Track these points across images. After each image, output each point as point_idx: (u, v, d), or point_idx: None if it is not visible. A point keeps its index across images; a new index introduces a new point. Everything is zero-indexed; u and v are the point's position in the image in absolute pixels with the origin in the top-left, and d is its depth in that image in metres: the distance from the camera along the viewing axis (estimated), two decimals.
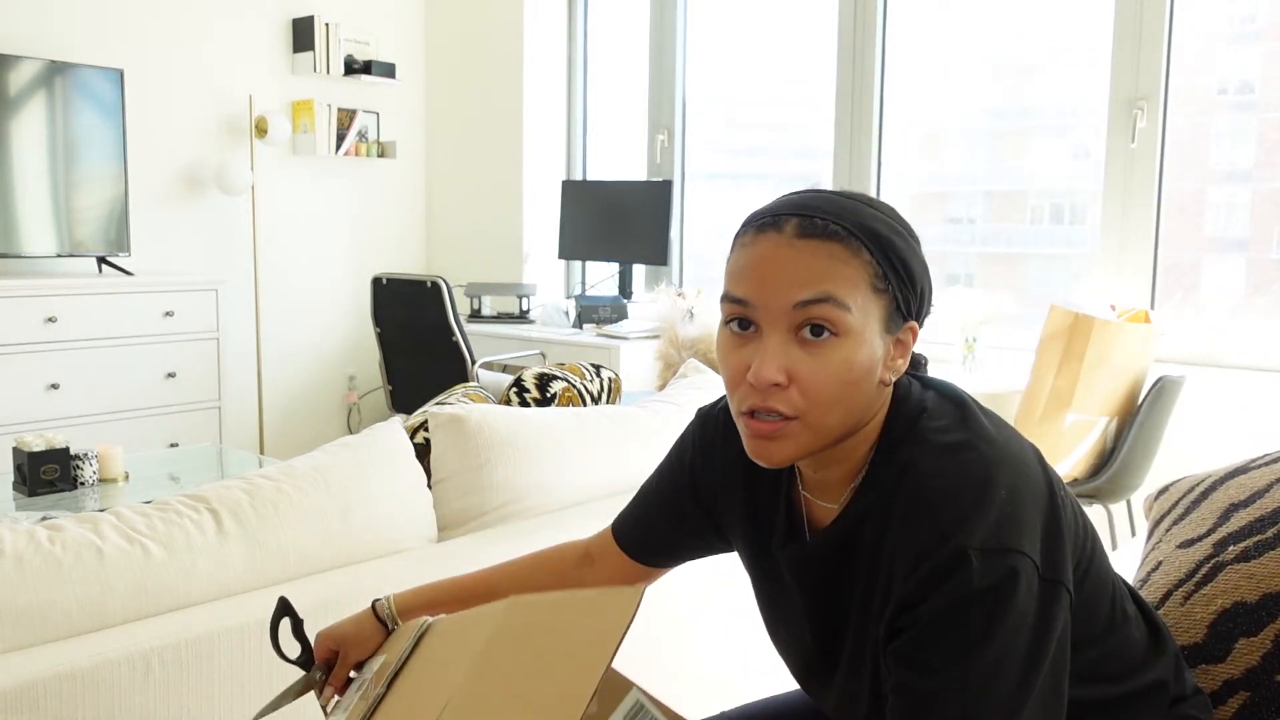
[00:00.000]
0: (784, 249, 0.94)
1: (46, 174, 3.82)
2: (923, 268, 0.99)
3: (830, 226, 0.94)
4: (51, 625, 1.24)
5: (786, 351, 0.94)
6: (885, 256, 0.94)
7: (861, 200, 0.98)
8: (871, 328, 0.94)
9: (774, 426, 0.95)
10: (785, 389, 0.94)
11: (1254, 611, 1.19)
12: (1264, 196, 3.19)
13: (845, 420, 0.97)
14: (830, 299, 0.92)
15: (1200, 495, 1.39)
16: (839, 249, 0.93)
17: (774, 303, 0.94)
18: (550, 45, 4.88)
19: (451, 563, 1.57)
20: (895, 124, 3.94)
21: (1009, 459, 0.95)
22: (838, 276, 0.93)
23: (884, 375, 0.97)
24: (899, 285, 0.95)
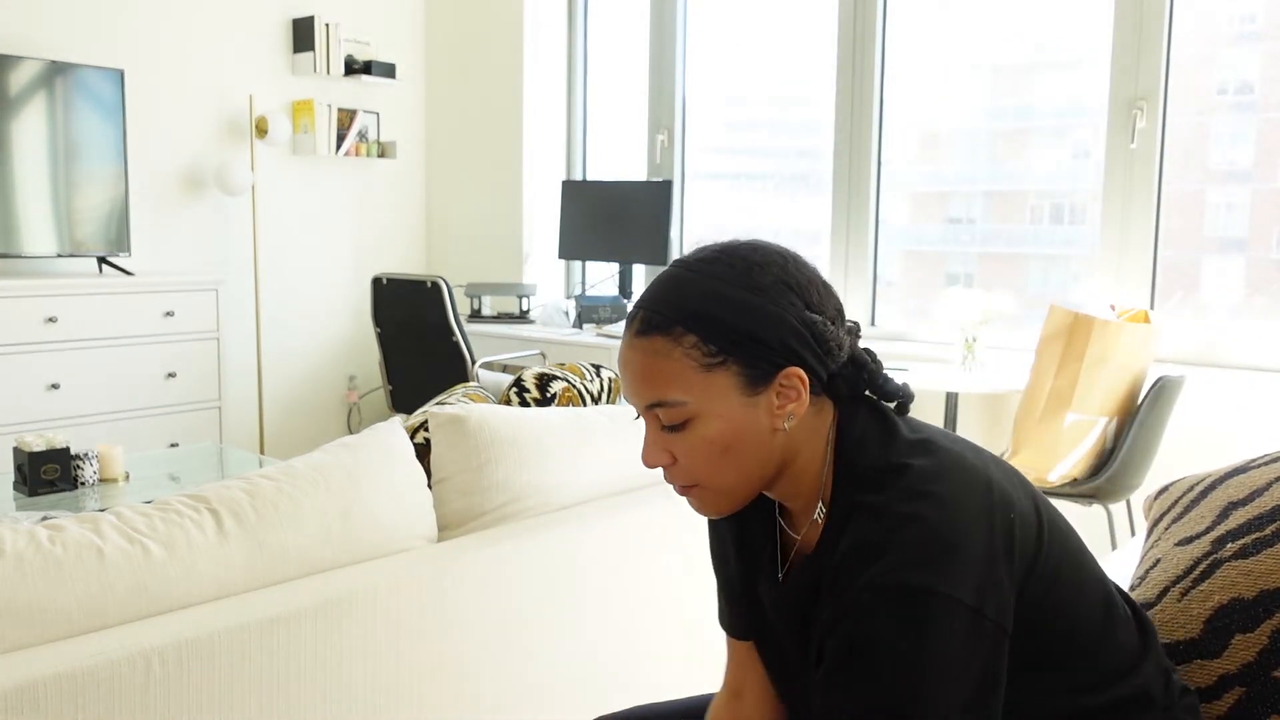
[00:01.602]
0: (628, 351, 1.02)
1: (47, 174, 3.82)
2: (772, 321, 0.98)
3: (654, 320, 0.99)
4: (51, 625, 1.24)
5: (660, 436, 1.02)
6: (710, 332, 0.97)
7: (700, 269, 1.00)
8: (722, 402, 0.99)
9: (685, 491, 1.05)
10: (673, 466, 1.03)
11: (1251, 608, 1.19)
12: (1264, 196, 3.20)
13: (745, 476, 1.02)
14: (661, 403, 1.00)
15: (1199, 494, 1.39)
16: (661, 343, 0.99)
17: (633, 403, 1.03)
18: (550, 45, 4.88)
19: (451, 563, 1.57)
20: (895, 124, 3.94)
21: (945, 494, 0.95)
22: (663, 376, 0.99)
23: (776, 425, 1.01)
24: (741, 352, 0.98)
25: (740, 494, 1.03)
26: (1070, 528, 1.07)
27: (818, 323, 1.00)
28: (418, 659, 1.53)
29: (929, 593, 0.89)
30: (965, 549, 0.92)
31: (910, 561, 0.91)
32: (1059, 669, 1.01)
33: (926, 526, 0.92)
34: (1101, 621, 1.04)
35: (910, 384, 1.10)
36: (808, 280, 1.02)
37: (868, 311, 4.00)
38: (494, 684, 1.65)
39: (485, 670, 1.63)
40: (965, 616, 0.90)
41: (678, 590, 1.95)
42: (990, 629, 0.91)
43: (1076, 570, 1.03)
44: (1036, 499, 1.04)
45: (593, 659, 1.81)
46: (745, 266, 1.00)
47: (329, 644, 1.42)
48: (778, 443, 1.02)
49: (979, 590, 0.91)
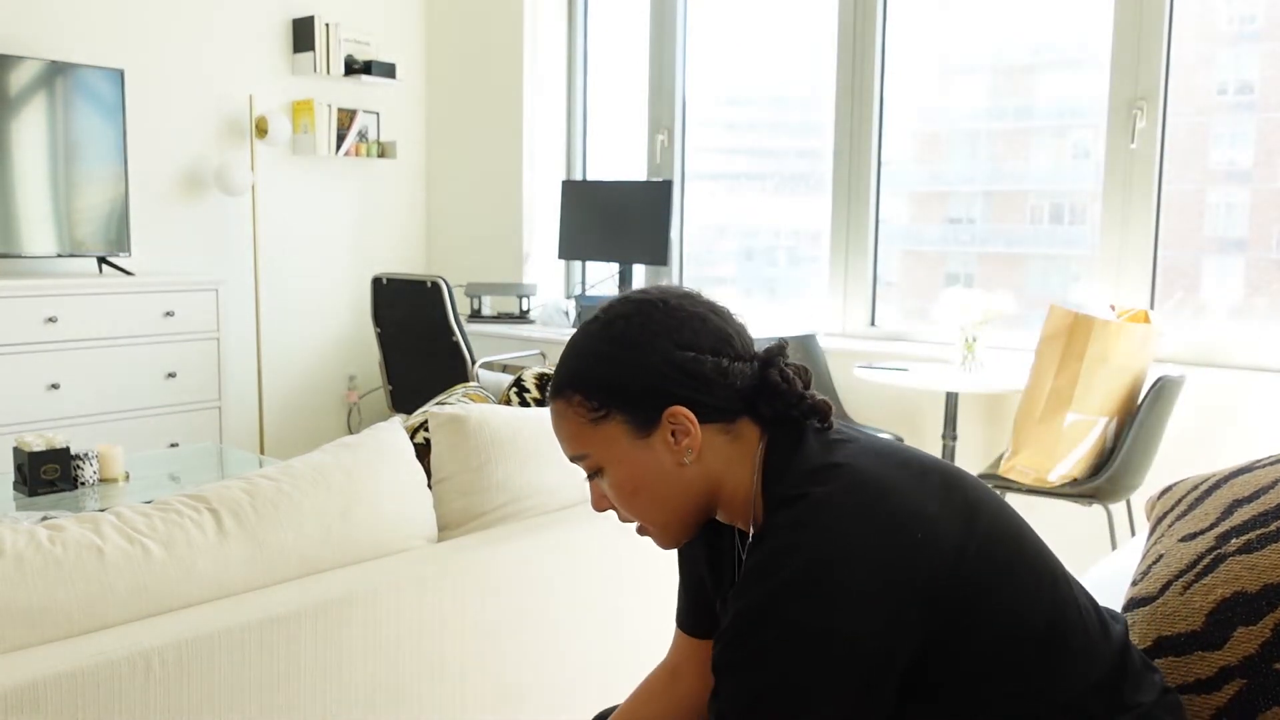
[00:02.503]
0: (550, 414, 1.13)
1: (47, 174, 3.82)
2: (638, 370, 1.05)
3: (555, 384, 1.10)
4: (51, 625, 1.24)
5: (594, 486, 1.12)
6: (589, 390, 1.06)
7: (584, 329, 1.10)
8: (618, 448, 1.07)
9: (641, 532, 1.14)
10: (613, 508, 1.12)
11: (1254, 601, 1.20)
12: (1264, 196, 3.20)
13: (673, 510, 1.09)
14: (576, 458, 1.10)
15: (1204, 493, 1.39)
16: (559, 405, 1.09)
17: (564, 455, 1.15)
18: (550, 45, 4.88)
19: (451, 563, 1.57)
20: (895, 124, 3.94)
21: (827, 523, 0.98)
22: (567, 434, 1.09)
23: (680, 459, 1.07)
24: (618, 401, 1.06)
25: (679, 526, 1.11)
26: (1032, 549, 1.05)
27: (689, 360, 1.05)
28: (418, 659, 1.53)
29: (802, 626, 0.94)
30: (848, 577, 0.95)
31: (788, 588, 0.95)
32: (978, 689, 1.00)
33: (809, 556, 0.96)
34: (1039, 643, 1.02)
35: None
36: (680, 321, 1.07)
37: (868, 311, 4.00)
38: (494, 683, 1.65)
39: (485, 670, 1.63)
40: (836, 644, 0.93)
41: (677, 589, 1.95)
42: (861, 653, 0.94)
43: (1014, 595, 1.01)
44: (979, 517, 1.02)
45: (592, 658, 1.81)
46: (609, 320, 1.08)
47: (329, 644, 1.42)
48: (691, 475, 1.08)
49: (852, 617, 0.94)
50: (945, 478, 1.05)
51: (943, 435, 3.35)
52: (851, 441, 1.08)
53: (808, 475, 1.03)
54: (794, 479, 1.03)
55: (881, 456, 1.05)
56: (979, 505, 1.04)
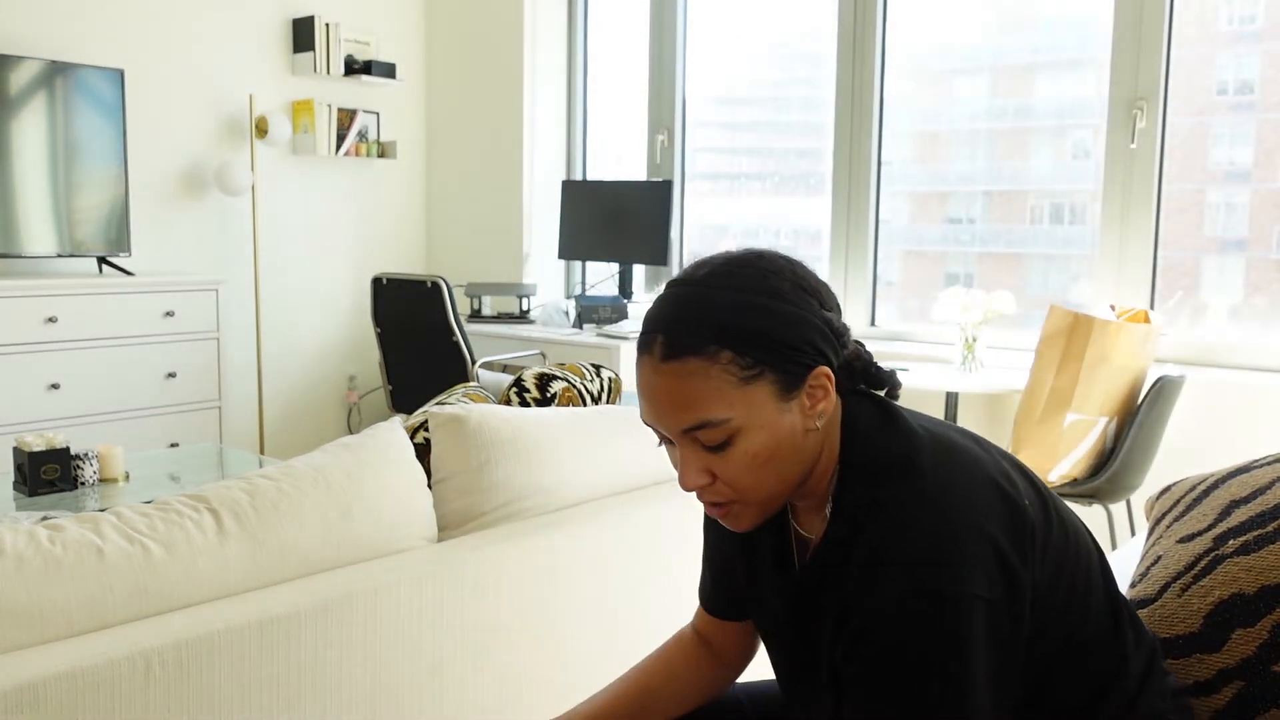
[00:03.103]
0: (655, 376, 0.99)
1: (47, 174, 3.82)
2: (797, 323, 0.99)
3: (682, 341, 0.98)
4: (51, 625, 1.24)
5: (698, 458, 1.01)
6: (744, 344, 0.97)
7: (718, 283, 1.00)
8: (762, 411, 0.98)
9: (722, 510, 1.04)
10: (713, 484, 1.02)
11: (1252, 603, 1.20)
12: (1264, 196, 3.20)
13: (785, 481, 1.02)
14: (704, 424, 0.98)
15: (1202, 493, 1.39)
16: (696, 364, 0.97)
17: (666, 429, 1.01)
18: (550, 45, 4.88)
19: (451, 563, 1.57)
20: (895, 124, 3.94)
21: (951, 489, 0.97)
22: (702, 395, 0.97)
23: (808, 425, 1.01)
24: (774, 359, 0.97)
25: (777, 502, 1.04)
26: (1081, 530, 1.08)
27: (834, 320, 1.02)
28: (418, 659, 1.53)
29: (947, 597, 0.92)
30: (974, 543, 0.94)
31: (925, 564, 0.93)
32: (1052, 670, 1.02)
33: (935, 526, 0.94)
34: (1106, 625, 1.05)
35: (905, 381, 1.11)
36: (816, 281, 1.03)
37: (868, 311, 4.00)
38: (494, 683, 1.65)
39: (485, 670, 1.63)
40: (983, 610, 0.92)
41: (678, 589, 1.95)
42: (1007, 617, 0.94)
43: (1086, 573, 1.05)
44: (1045, 493, 1.05)
45: (592, 658, 1.81)
46: (760, 274, 1.00)
47: (329, 644, 1.42)
48: (811, 443, 1.03)
49: (991, 582, 0.93)
50: (1008, 458, 1.08)
51: None
52: (914, 415, 1.07)
53: (910, 441, 1.01)
54: (891, 446, 1.01)
55: (955, 430, 1.07)
56: (1045, 488, 1.07)
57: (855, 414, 1.05)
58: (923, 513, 0.95)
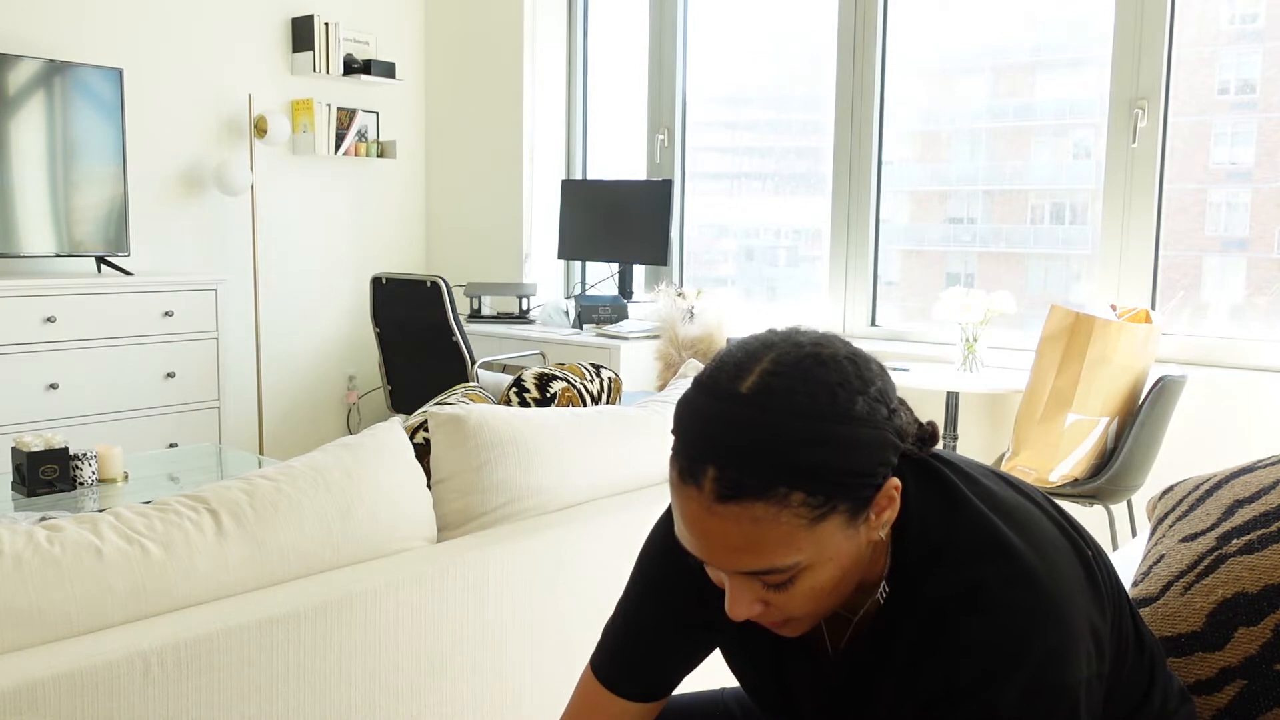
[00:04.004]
0: (707, 517, 0.86)
1: (45, 174, 3.82)
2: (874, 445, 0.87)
3: (742, 482, 0.84)
4: (51, 625, 1.24)
5: (753, 592, 0.91)
6: (817, 483, 0.84)
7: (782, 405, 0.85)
8: (832, 544, 0.88)
9: (773, 625, 0.95)
10: (766, 610, 0.93)
11: (1255, 602, 1.19)
12: (1264, 196, 3.19)
13: (843, 596, 0.94)
14: (770, 570, 0.87)
15: (1205, 493, 1.39)
16: (762, 509, 0.84)
17: (720, 567, 0.89)
18: (550, 45, 4.87)
19: (451, 563, 1.57)
20: (895, 124, 3.94)
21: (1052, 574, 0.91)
22: (767, 542, 0.85)
23: (871, 537, 0.92)
24: (846, 492, 0.86)
25: (834, 609, 0.96)
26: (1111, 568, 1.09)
27: (900, 418, 0.91)
28: (417, 659, 1.53)
29: (1069, 686, 0.87)
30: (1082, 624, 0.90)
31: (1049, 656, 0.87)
32: None
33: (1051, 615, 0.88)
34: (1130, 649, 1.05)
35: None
36: (880, 376, 0.91)
37: (868, 311, 4.00)
38: (494, 683, 1.64)
39: (485, 670, 1.63)
40: (1086, 689, 0.89)
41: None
42: (1102, 680, 0.92)
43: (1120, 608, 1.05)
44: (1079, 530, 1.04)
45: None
46: (827, 391, 0.86)
47: (329, 644, 1.41)
48: (869, 552, 0.94)
49: (1090, 659, 0.90)
50: (1041, 494, 1.05)
51: (943, 435, 3.35)
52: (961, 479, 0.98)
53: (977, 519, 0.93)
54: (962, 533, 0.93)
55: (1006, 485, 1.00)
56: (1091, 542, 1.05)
57: (905, 490, 0.96)
58: (1041, 602, 0.88)
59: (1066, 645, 0.88)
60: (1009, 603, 0.88)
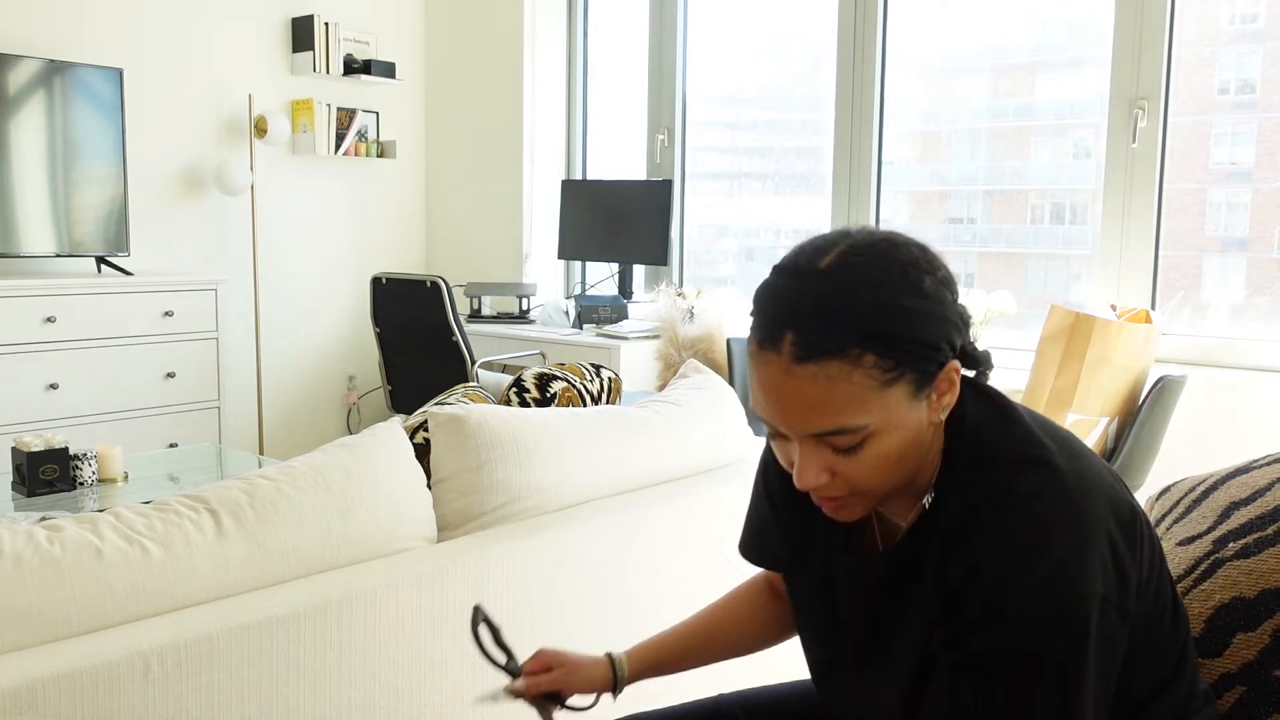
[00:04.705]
0: (784, 379, 0.93)
1: (46, 174, 3.82)
2: (939, 322, 0.94)
3: (820, 342, 0.91)
4: (51, 625, 1.24)
5: (821, 457, 0.97)
6: (888, 347, 0.92)
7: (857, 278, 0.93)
8: (898, 413, 0.95)
9: (833, 503, 1.00)
10: (831, 481, 0.98)
11: (1252, 607, 1.19)
12: (1264, 196, 3.19)
13: (904, 474, 1.00)
14: (841, 430, 0.94)
15: (1201, 494, 1.39)
16: (837, 367, 0.91)
17: (792, 430, 0.96)
18: (550, 45, 4.87)
19: (451, 563, 1.57)
20: (895, 124, 3.94)
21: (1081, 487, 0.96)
22: (841, 400, 0.92)
23: (932, 418, 0.98)
24: (914, 361, 0.93)
25: (893, 491, 1.01)
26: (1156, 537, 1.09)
27: (964, 311, 0.99)
28: (417, 659, 1.53)
29: (1082, 595, 0.91)
30: (1104, 540, 0.93)
31: (1067, 562, 0.91)
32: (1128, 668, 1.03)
33: (1077, 522, 0.93)
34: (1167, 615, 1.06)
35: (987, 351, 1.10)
36: (942, 265, 0.98)
37: None
38: (494, 684, 1.64)
39: (485, 670, 1.63)
40: (1099, 608, 0.92)
41: (678, 591, 1.95)
42: (1123, 617, 0.94)
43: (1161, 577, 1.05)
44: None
45: None
46: (900, 268, 0.94)
47: (329, 644, 1.42)
48: (929, 436, 1.00)
49: (1105, 575, 0.93)
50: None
51: None
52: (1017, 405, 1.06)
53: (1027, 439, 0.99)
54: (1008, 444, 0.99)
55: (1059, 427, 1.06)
56: None
57: (962, 406, 1.02)
58: (1066, 507, 0.93)
59: (1081, 553, 0.91)
60: (1033, 505, 0.94)
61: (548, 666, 1.25)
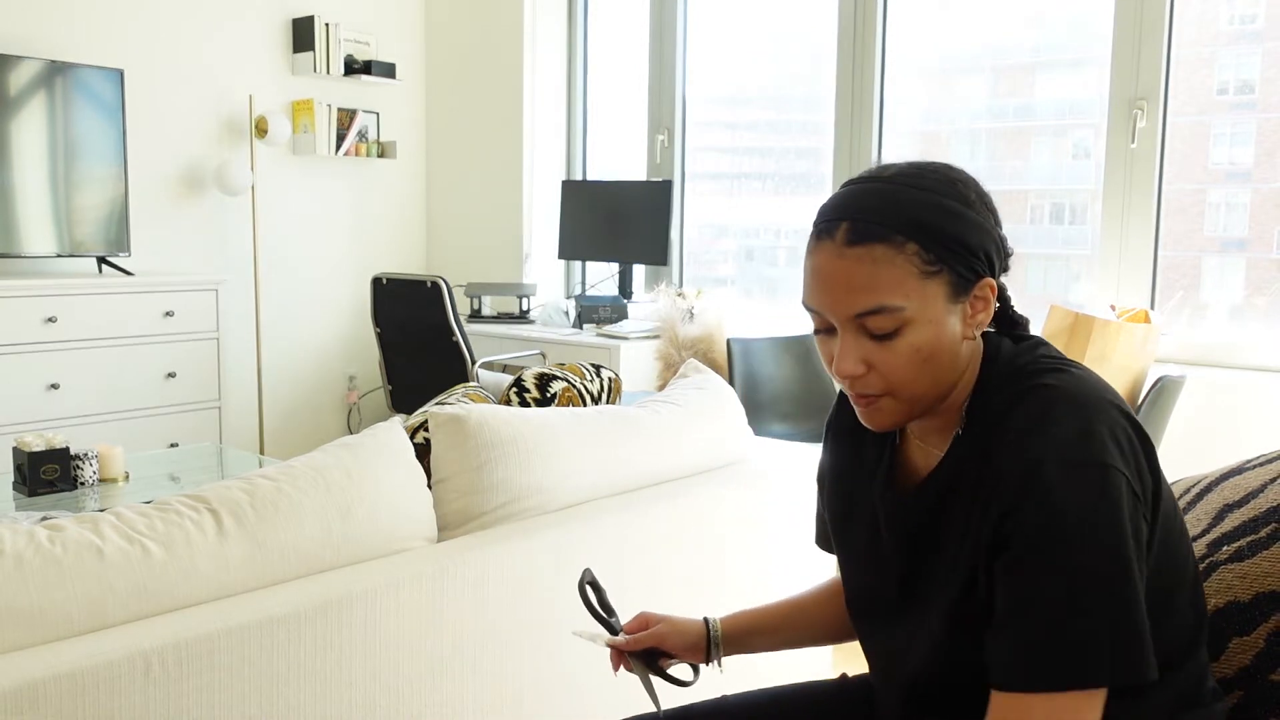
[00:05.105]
0: (835, 260, 1.03)
1: (46, 174, 3.82)
2: (979, 231, 1.04)
3: (870, 229, 1.01)
4: (51, 625, 1.24)
5: (860, 346, 1.04)
6: (931, 240, 1.01)
7: (909, 182, 1.04)
8: (934, 308, 1.02)
9: (870, 401, 1.07)
10: (867, 375, 1.05)
11: (1247, 610, 1.19)
12: (1264, 196, 3.19)
13: (937, 384, 1.06)
14: (881, 309, 1.01)
15: (1195, 497, 1.39)
16: (882, 250, 1.01)
17: (837, 314, 1.04)
18: (550, 45, 4.88)
19: (451, 563, 1.57)
20: (895, 123, 3.94)
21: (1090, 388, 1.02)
22: (884, 281, 1.01)
23: (966, 333, 1.06)
24: (953, 260, 1.02)
25: (922, 405, 1.07)
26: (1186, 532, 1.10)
27: (1005, 238, 1.08)
28: (417, 659, 1.53)
29: (1097, 464, 0.95)
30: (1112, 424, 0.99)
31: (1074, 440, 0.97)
32: None
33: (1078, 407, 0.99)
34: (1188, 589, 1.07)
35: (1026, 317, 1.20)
36: (989, 198, 1.08)
37: None
38: (494, 683, 1.65)
39: (485, 670, 1.63)
40: (1126, 486, 0.96)
41: (678, 590, 1.95)
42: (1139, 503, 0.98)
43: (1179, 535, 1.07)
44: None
45: (593, 659, 1.81)
46: (949, 181, 1.05)
47: (329, 644, 1.42)
48: (966, 352, 1.07)
49: (1126, 461, 0.97)
50: None
51: None
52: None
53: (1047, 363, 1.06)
54: (1030, 374, 1.05)
55: None
56: None
57: (996, 343, 1.10)
58: (1067, 395, 1.00)
59: (1092, 426, 0.97)
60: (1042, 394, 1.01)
61: (647, 625, 1.31)
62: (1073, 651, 0.93)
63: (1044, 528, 0.95)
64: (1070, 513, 0.94)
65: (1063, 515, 0.94)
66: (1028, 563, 0.96)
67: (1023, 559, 0.97)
